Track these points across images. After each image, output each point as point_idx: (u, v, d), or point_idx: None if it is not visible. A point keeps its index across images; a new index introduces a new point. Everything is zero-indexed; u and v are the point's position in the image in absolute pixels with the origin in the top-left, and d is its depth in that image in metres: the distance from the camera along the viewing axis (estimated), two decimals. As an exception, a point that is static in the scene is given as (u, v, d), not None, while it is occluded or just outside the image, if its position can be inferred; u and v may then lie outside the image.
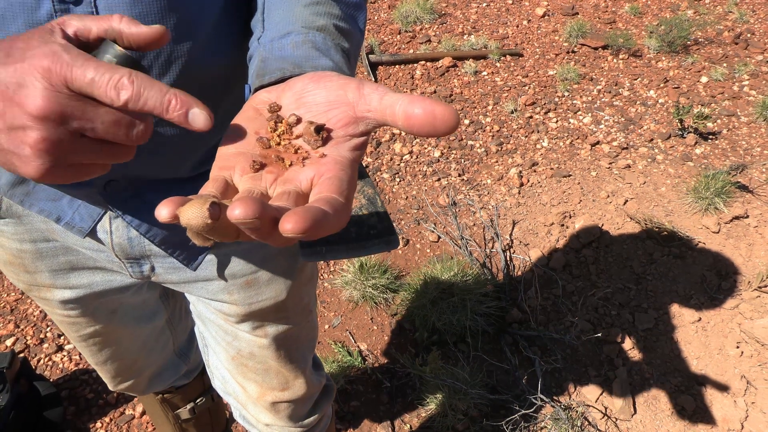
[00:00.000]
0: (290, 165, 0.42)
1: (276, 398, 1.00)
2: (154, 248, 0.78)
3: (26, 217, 0.76)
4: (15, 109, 0.40)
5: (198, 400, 1.34)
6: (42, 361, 1.87)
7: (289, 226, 0.31)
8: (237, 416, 1.10)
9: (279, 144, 0.43)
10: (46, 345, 1.91)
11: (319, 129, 0.42)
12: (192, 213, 0.33)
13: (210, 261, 0.81)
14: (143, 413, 1.74)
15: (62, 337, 1.94)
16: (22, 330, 1.96)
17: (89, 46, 0.45)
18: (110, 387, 1.11)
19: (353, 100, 0.43)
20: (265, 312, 0.87)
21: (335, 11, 0.56)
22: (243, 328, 0.90)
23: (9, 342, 1.92)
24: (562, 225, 2.37)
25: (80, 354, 1.89)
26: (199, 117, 0.42)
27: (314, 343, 1.03)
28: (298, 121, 0.44)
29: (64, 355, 1.89)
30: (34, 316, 2.00)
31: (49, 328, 1.96)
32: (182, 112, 0.42)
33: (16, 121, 0.41)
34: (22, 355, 1.87)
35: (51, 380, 1.79)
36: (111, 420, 1.73)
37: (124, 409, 1.76)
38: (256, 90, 0.49)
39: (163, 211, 0.34)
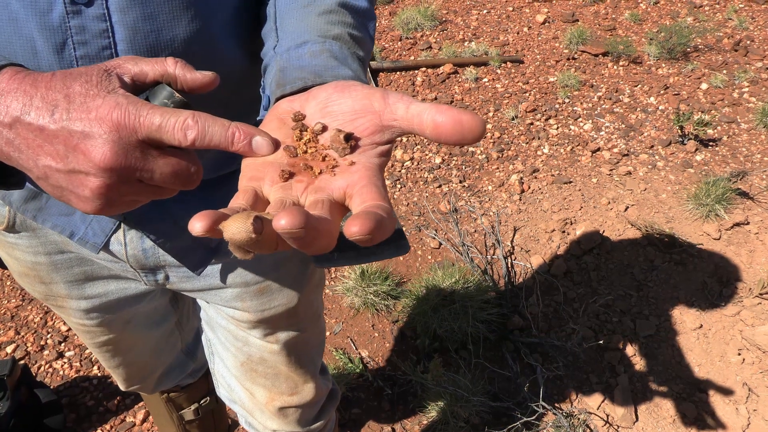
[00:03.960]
0: (319, 173, 0.42)
1: (285, 403, 1.00)
2: (168, 258, 0.78)
3: (40, 230, 0.76)
4: (79, 156, 0.42)
5: (202, 401, 1.36)
6: (42, 368, 1.87)
7: (355, 228, 0.32)
8: (243, 423, 1.10)
9: (306, 152, 0.43)
10: (46, 352, 1.91)
11: (348, 137, 0.43)
12: (236, 228, 0.33)
13: (223, 269, 0.82)
14: (144, 420, 1.74)
15: (63, 344, 1.94)
16: (23, 337, 1.95)
17: (143, 87, 0.47)
18: (122, 387, 1.13)
19: (379, 109, 0.43)
20: (277, 318, 0.88)
21: (348, 20, 0.56)
22: (254, 334, 0.91)
23: (9, 349, 1.91)
24: (563, 231, 2.37)
25: (81, 361, 1.89)
26: (262, 144, 0.43)
27: (323, 347, 1.04)
28: (324, 129, 0.44)
29: (65, 362, 1.88)
30: (35, 323, 1.99)
31: (49, 335, 1.96)
32: (246, 142, 0.43)
33: (79, 167, 0.43)
34: (22, 362, 1.87)
35: (51, 387, 1.78)
36: (112, 427, 1.73)
37: (125, 417, 1.75)
38: (277, 100, 0.50)
39: (197, 225, 0.34)
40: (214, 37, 0.59)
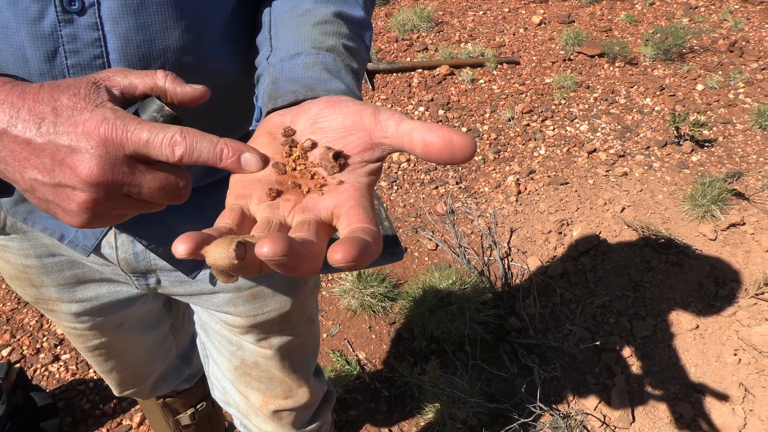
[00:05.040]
0: (307, 192, 0.41)
1: (279, 406, 1.00)
2: (160, 262, 0.77)
3: (31, 232, 0.76)
4: (66, 170, 0.42)
5: (198, 406, 1.35)
6: (38, 372, 1.86)
7: (338, 256, 0.32)
8: (238, 425, 1.10)
9: (294, 169, 0.43)
10: (42, 355, 1.90)
11: (337, 156, 0.42)
12: (219, 254, 0.33)
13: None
14: (140, 423, 1.73)
15: (59, 347, 1.93)
16: (18, 340, 1.95)
17: (133, 100, 0.47)
18: (115, 393, 1.12)
19: (369, 126, 0.43)
20: (270, 323, 0.87)
21: (343, 30, 0.55)
22: (247, 339, 0.90)
23: (5, 352, 1.91)
24: (560, 233, 2.37)
25: (77, 364, 1.88)
26: (250, 160, 0.43)
27: (317, 351, 1.04)
28: (314, 145, 0.44)
29: (61, 365, 1.88)
30: (30, 326, 1.99)
31: (45, 338, 1.95)
32: (235, 159, 0.43)
33: (66, 181, 0.42)
34: (18, 365, 1.86)
35: (47, 391, 1.77)
36: (108, 431, 1.72)
37: (122, 420, 1.75)
38: (269, 112, 0.49)
39: (180, 248, 0.34)
40: (206, 47, 0.59)
